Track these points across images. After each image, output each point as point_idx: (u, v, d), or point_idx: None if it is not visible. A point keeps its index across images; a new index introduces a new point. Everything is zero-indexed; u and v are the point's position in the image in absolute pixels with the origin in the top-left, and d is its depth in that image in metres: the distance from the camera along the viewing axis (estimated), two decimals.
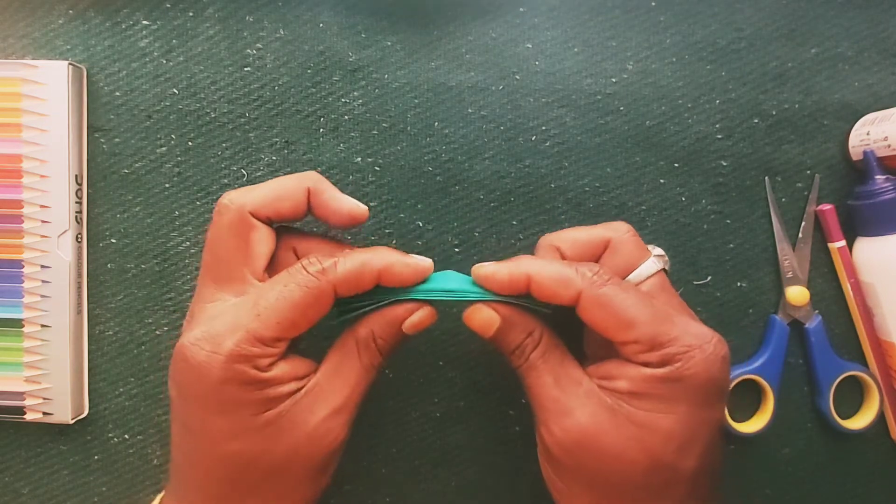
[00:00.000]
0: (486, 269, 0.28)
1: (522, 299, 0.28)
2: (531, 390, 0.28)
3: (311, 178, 0.30)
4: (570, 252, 0.30)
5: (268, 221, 0.29)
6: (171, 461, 0.29)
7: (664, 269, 0.30)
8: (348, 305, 0.29)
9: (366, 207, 0.30)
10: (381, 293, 0.28)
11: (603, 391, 0.27)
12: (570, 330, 0.30)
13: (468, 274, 0.29)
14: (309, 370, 0.28)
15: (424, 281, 0.29)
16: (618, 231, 0.30)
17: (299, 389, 0.27)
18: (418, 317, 0.28)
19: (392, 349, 0.29)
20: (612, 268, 0.29)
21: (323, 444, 0.27)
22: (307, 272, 0.26)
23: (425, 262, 0.28)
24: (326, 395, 0.27)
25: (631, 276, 0.29)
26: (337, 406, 0.27)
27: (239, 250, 0.28)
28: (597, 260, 0.30)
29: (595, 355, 0.31)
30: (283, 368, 0.27)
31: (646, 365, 0.26)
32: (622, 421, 0.26)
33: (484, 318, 0.28)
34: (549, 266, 0.27)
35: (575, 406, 0.26)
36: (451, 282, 0.29)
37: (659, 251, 0.31)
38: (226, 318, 0.26)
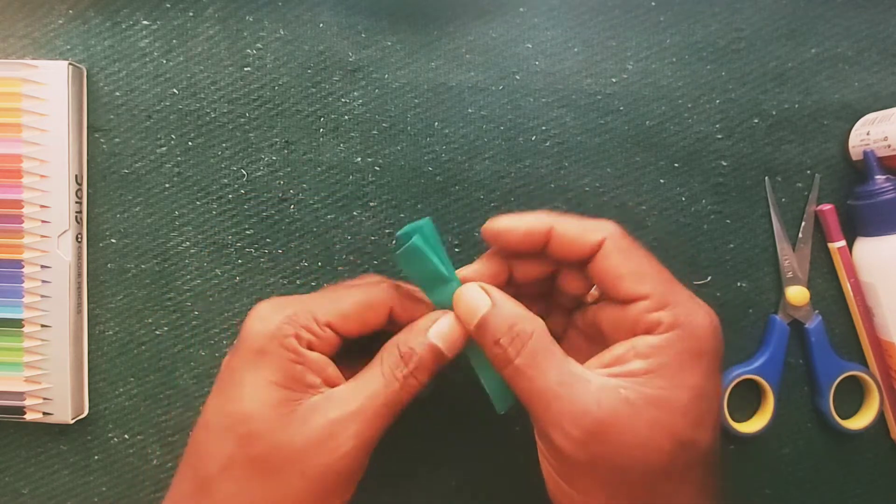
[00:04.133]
0: (501, 224, 0.28)
1: None
2: (533, 391, 0.26)
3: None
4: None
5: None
6: (196, 426, 0.28)
7: None
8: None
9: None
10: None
11: (615, 378, 0.25)
12: None
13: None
14: (342, 382, 0.28)
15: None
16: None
17: (323, 390, 0.27)
18: (444, 326, 0.28)
19: (423, 363, 0.28)
20: None
21: (323, 449, 0.26)
22: (374, 284, 0.29)
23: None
24: (339, 401, 0.27)
25: None
26: (346, 413, 0.26)
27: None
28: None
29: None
30: (320, 361, 0.27)
31: (653, 329, 0.26)
32: (641, 407, 0.25)
33: (471, 298, 0.28)
34: (570, 219, 0.28)
35: (589, 402, 0.25)
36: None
37: None
38: (300, 298, 0.29)
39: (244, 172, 0.37)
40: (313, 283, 0.37)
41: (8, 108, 0.36)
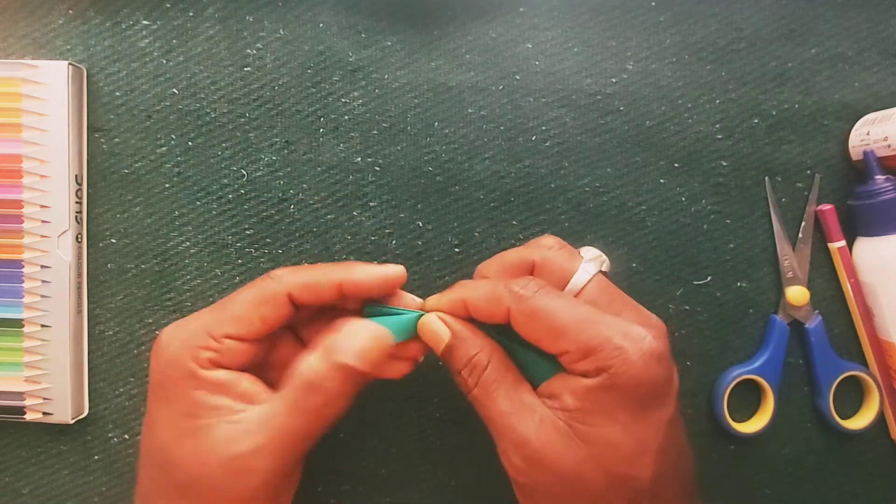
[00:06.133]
0: (431, 302, 0.29)
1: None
2: (488, 419, 0.27)
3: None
4: (500, 276, 0.30)
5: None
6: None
7: (601, 272, 0.29)
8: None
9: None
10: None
11: (553, 412, 0.26)
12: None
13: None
14: (261, 400, 0.26)
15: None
16: (544, 247, 0.30)
17: (234, 412, 0.26)
18: (359, 342, 0.27)
19: (336, 391, 0.26)
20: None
21: (237, 481, 0.25)
22: (267, 277, 0.28)
23: (392, 270, 0.28)
24: (247, 432, 0.25)
25: (567, 288, 0.29)
26: (253, 448, 0.25)
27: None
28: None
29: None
30: (225, 379, 0.26)
31: (584, 375, 0.26)
32: (575, 442, 0.25)
33: (434, 329, 0.28)
34: (480, 288, 0.28)
35: (531, 434, 0.26)
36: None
37: (592, 254, 0.30)
38: (198, 314, 0.28)
39: (244, 172, 0.37)
40: None
41: (8, 108, 0.36)
